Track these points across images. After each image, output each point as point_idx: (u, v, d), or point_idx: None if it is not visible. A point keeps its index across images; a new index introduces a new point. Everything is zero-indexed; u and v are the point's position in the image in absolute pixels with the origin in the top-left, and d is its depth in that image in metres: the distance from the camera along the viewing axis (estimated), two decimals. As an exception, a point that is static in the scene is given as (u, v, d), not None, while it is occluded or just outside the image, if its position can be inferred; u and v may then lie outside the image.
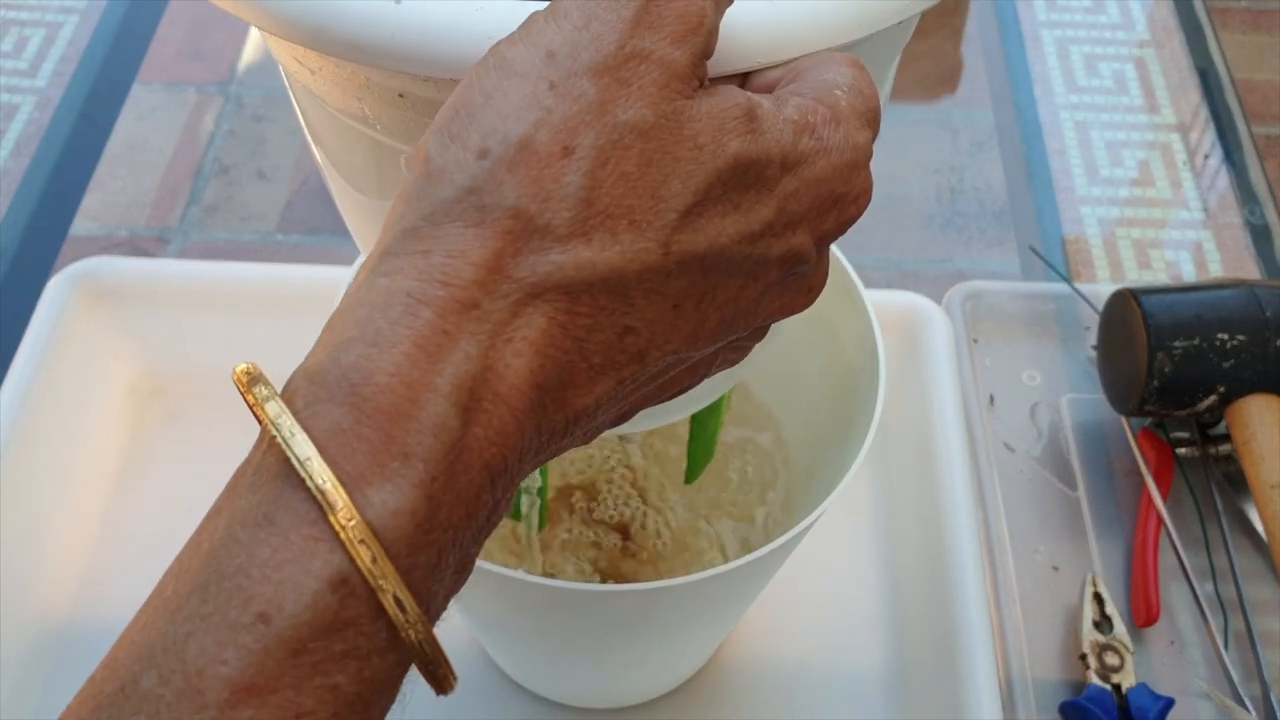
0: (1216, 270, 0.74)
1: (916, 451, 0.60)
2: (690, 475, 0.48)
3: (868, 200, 0.27)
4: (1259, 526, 0.59)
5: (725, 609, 0.48)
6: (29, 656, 0.56)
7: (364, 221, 0.37)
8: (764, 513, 0.54)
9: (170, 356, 0.65)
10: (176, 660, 0.21)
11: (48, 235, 0.74)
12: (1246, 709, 0.54)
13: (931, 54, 0.87)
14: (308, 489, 0.22)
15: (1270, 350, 0.58)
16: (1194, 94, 0.83)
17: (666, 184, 0.24)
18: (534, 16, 0.25)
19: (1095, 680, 0.54)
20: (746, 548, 0.53)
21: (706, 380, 0.30)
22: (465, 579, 0.25)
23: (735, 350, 0.29)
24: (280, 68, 0.34)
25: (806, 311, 0.56)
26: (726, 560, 0.53)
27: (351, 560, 0.21)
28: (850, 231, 0.28)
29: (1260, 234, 0.75)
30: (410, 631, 0.22)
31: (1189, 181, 0.78)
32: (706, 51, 0.25)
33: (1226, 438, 0.61)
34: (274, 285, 0.63)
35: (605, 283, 0.24)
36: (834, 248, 0.49)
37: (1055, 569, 0.60)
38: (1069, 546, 0.61)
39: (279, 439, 0.22)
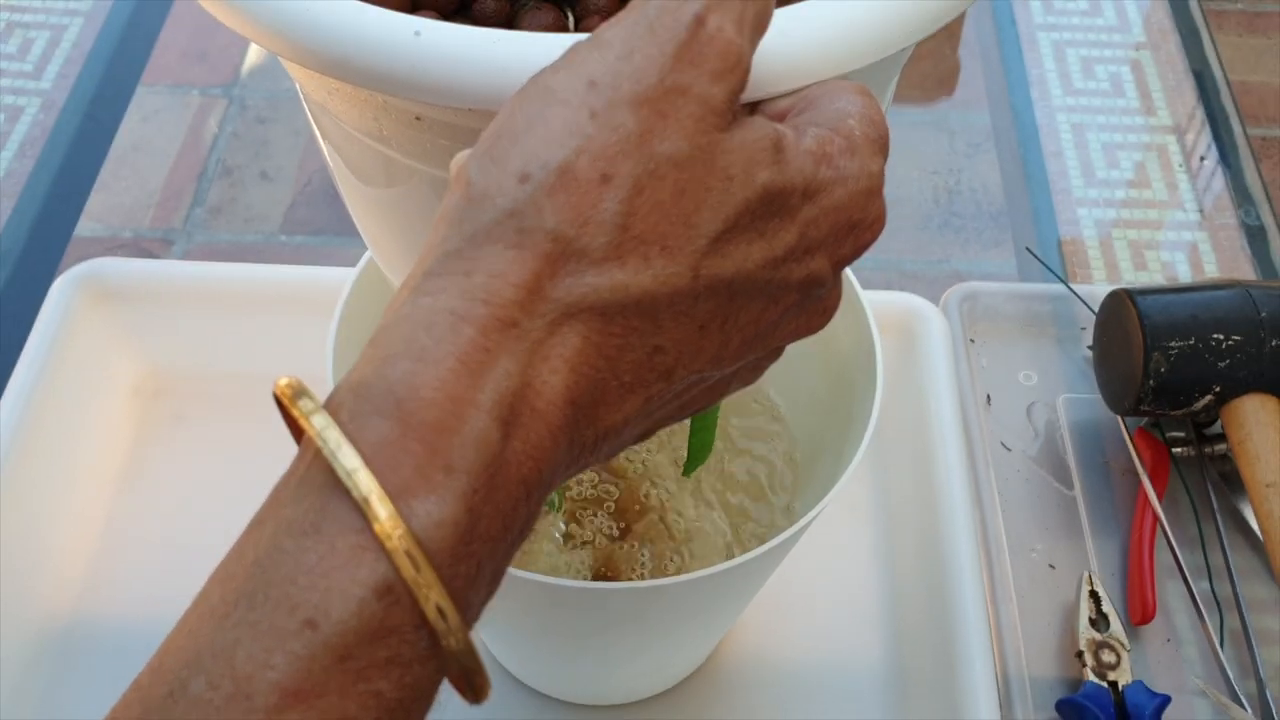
0: (1212, 271, 0.74)
1: (914, 451, 0.60)
2: (689, 467, 0.48)
3: (882, 226, 0.28)
4: (1254, 525, 0.60)
5: (723, 607, 0.49)
6: (31, 657, 0.56)
7: (369, 212, 0.37)
8: (771, 510, 0.55)
9: (174, 357, 0.65)
10: (225, 665, 0.22)
11: (52, 236, 0.75)
12: (1242, 706, 0.55)
13: (929, 56, 0.87)
14: (353, 499, 0.22)
15: (1265, 350, 0.58)
16: (1190, 96, 0.84)
17: (698, 212, 0.25)
18: (577, 46, 0.26)
19: (1092, 678, 0.54)
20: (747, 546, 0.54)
21: None
22: (497, 588, 0.25)
23: (752, 370, 0.30)
24: (294, 81, 0.35)
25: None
26: (731, 557, 0.53)
27: (396, 569, 0.22)
28: None
29: (1255, 235, 0.76)
30: (450, 640, 0.23)
31: (1185, 183, 0.79)
32: (741, 87, 0.26)
33: (1222, 437, 0.61)
34: (277, 286, 0.64)
35: (638, 305, 0.25)
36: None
37: (1052, 567, 0.60)
38: (1065, 545, 0.61)
39: (325, 451, 0.23)
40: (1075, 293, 0.69)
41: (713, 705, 0.56)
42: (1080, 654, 0.55)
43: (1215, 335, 0.58)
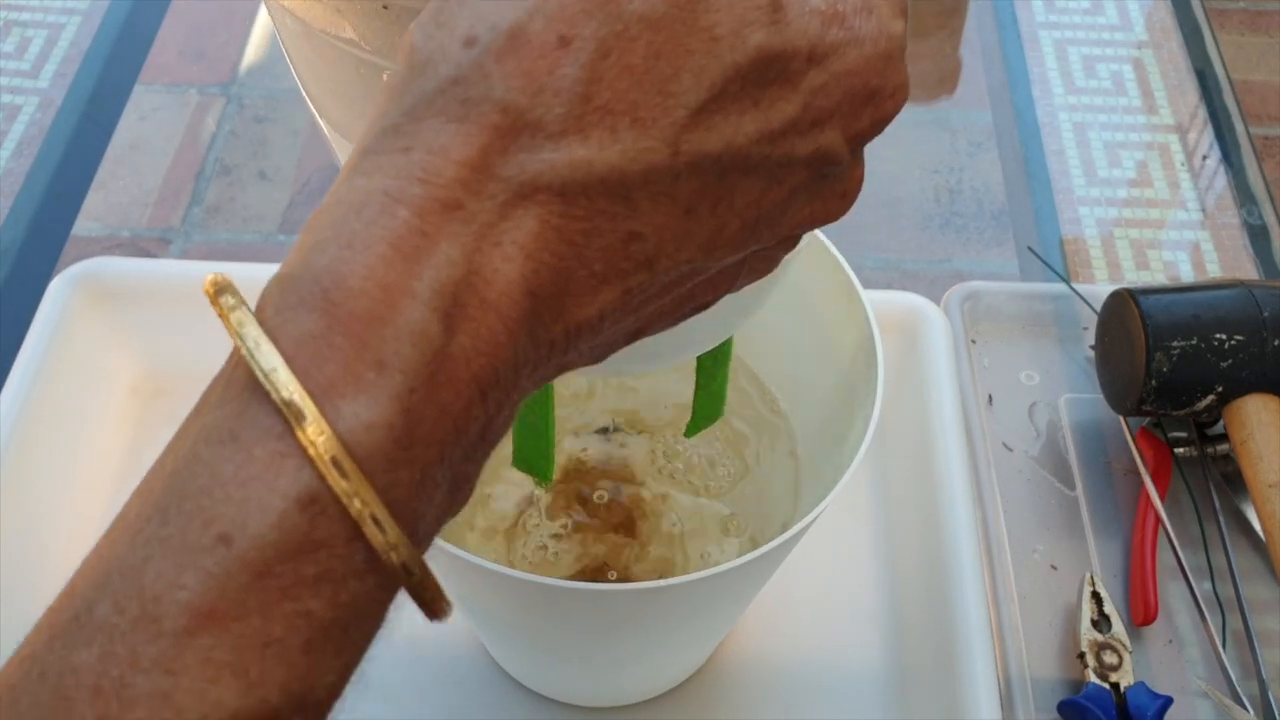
0: (1214, 270, 0.74)
1: (915, 451, 0.60)
2: (693, 427, 0.46)
3: (905, 95, 0.25)
4: (1257, 526, 0.60)
5: (724, 608, 0.49)
6: (31, 655, 0.56)
7: (345, 129, 0.36)
8: (771, 510, 0.54)
9: (172, 357, 0.65)
10: (133, 586, 0.20)
11: (50, 236, 0.74)
12: (1244, 708, 0.54)
13: (930, 55, 0.87)
14: (274, 402, 0.20)
15: (1268, 350, 0.58)
16: (1192, 95, 0.84)
17: (677, 79, 0.22)
18: None
19: (1094, 679, 0.54)
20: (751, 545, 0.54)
21: (714, 318, 0.28)
22: (463, 500, 0.23)
23: (763, 260, 0.27)
24: None
25: (805, 313, 0.56)
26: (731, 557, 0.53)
27: (321, 478, 0.20)
28: (849, 232, 0.28)
29: (1258, 234, 0.76)
30: (392, 554, 0.21)
31: (1187, 182, 0.79)
32: None
33: (1224, 437, 0.61)
34: (275, 286, 0.63)
35: (604, 184, 0.22)
36: (833, 248, 0.49)
37: (1053, 568, 0.60)
38: (1067, 545, 0.61)
39: (244, 349, 0.21)
40: (1077, 292, 0.68)
41: (713, 706, 0.55)
42: (1082, 655, 0.55)
43: (1218, 335, 0.58)
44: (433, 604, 0.22)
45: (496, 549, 0.52)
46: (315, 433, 0.20)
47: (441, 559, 0.41)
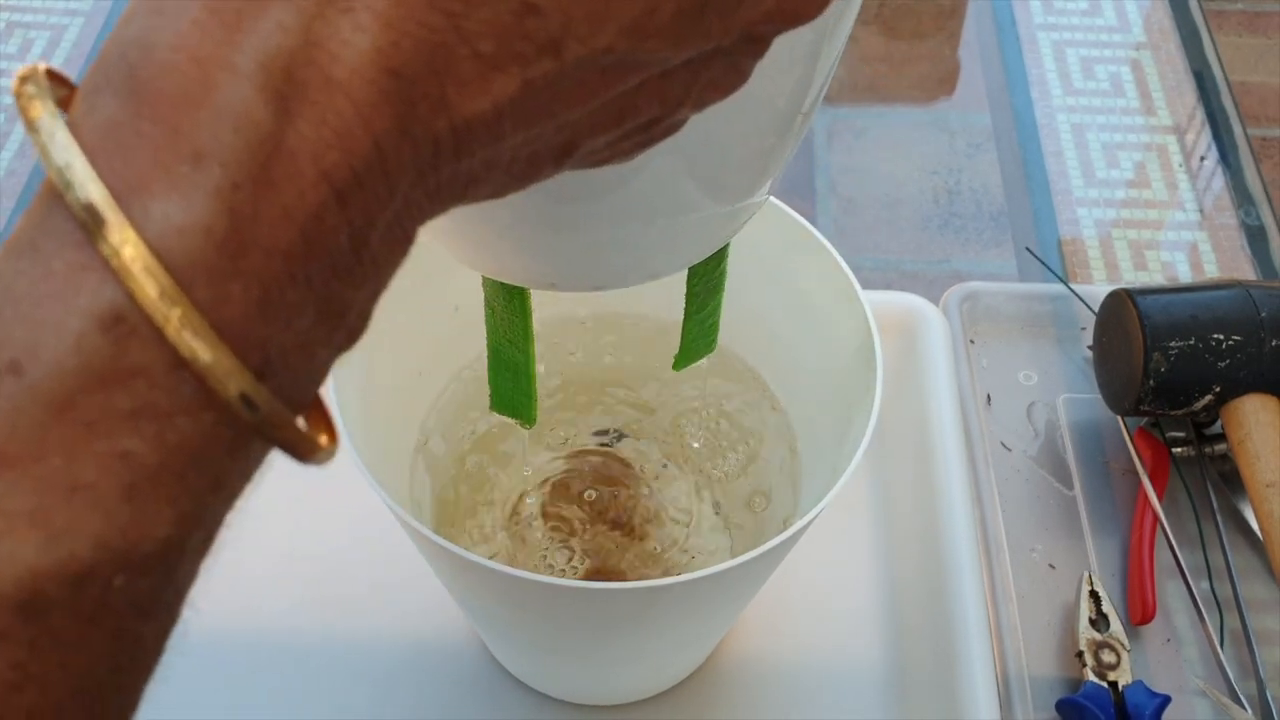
0: (1212, 271, 0.74)
1: (914, 451, 0.60)
2: (680, 360, 0.45)
3: None
4: (1254, 525, 0.60)
5: (724, 607, 0.49)
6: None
7: None
8: (770, 510, 0.55)
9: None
10: None
11: (51, 237, 0.75)
12: (1243, 706, 0.55)
13: (929, 57, 0.87)
14: (69, 204, 0.17)
15: (1265, 350, 0.58)
16: (1190, 96, 0.84)
17: None
18: None
19: (1092, 678, 0.54)
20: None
21: (699, 222, 0.25)
22: (349, 332, 0.20)
23: (725, 66, 0.23)
24: None
25: (804, 313, 0.56)
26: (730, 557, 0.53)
27: (130, 293, 0.17)
28: (848, 232, 0.28)
29: (1255, 235, 0.76)
30: (230, 385, 0.17)
31: (1185, 183, 0.79)
32: None
33: (1222, 437, 0.61)
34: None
35: None
36: (832, 248, 0.49)
37: (1052, 567, 0.60)
38: (1065, 545, 0.61)
39: (39, 143, 0.17)
40: (1075, 293, 0.69)
41: (713, 705, 0.56)
42: (1080, 654, 0.55)
43: (1215, 335, 0.58)
44: (296, 445, 0.19)
45: (496, 548, 0.52)
46: (118, 239, 0.17)
47: (442, 558, 0.41)
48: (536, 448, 0.55)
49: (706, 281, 0.42)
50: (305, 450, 0.19)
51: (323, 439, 0.20)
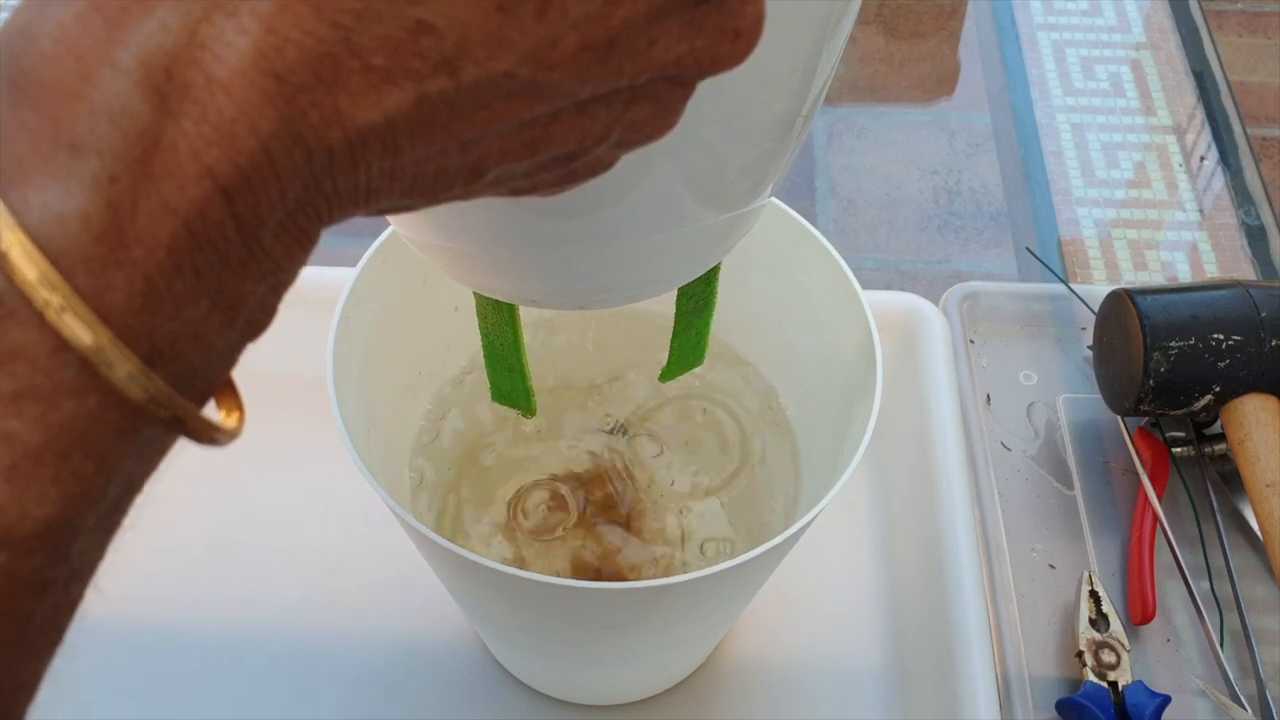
0: (1212, 271, 0.74)
1: (914, 451, 0.60)
2: (667, 373, 0.45)
3: None
4: (1254, 525, 0.60)
5: (723, 607, 0.49)
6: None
7: None
8: (769, 509, 0.55)
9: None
10: None
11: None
12: (1242, 706, 0.55)
13: (929, 57, 0.87)
14: None
15: (1265, 350, 0.58)
16: (1190, 96, 0.84)
17: None
18: None
19: (1092, 678, 0.55)
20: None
21: (693, 242, 0.25)
22: (247, 324, 0.20)
23: (648, 107, 0.22)
24: None
25: (804, 313, 0.56)
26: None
27: (8, 275, 0.17)
28: (848, 232, 0.27)
29: (1255, 235, 0.76)
30: (117, 370, 0.18)
31: (1185, 183, 0.79)
32: None
33: (1222, 437, 0.61)
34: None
35: None
36: (832, 248, 0.49)
37: (1052, 567, 0.60)
38: (1065, 545, 0.61)
39: None
40: (1075, 293, 0.69)
41: (713, 705, 0.56)
42: (1080, 654, 0.55)
43: (1215, 335, 0.58)
44: (189, 428, 0.20)
45: (497, 547, 0.52)
46: None
47: (442, 558, 0.41)
48: (537, 446, 0.55)
49: (695, 300, 0.42)
50: (201, 434, 0.20)
51: (230, 421, 0.20)
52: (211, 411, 0.21)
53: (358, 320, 0.47)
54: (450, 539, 0.39)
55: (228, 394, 0.21)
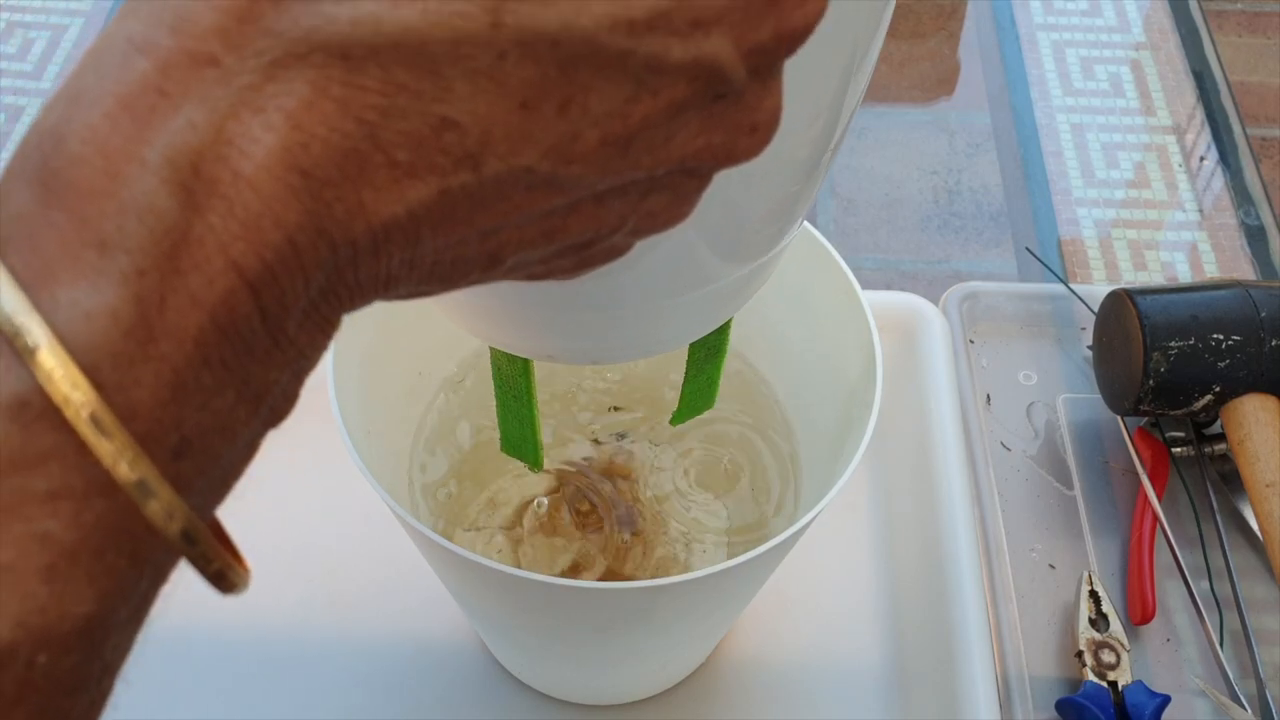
0: (1212, 271, 0.74)
1: (914, 451, 0.60)
2: (677, 417, 0.45)
3: (820, 6, 0.21)
4: (1254, 525, 0.60)
5: (723, 607, 0.49)
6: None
7: None
8: (769, 509, 0.55)
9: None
10: None
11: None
12: (1242, 706, 0.55)
13: (929, 57, 0.87)
14: None
15: (1265, 350, 0.58)
16: (1190, 96, 0.84)
17: None
18: None
19: (1092, 678, 0.55)
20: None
21: (705, 307, 0.26)
22: (272, 411, 0.20)
23: (664, 197, 0.22)
24: None
25: (804, 313, 0.56)
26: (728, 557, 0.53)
27: (34, 377, 0.17)
28: (848, 232, 0.26)
29: (1255, 235, 0.76)
30: (124, 467, 0.18)
31: (1184, 183, 0.79)
32: None
33: (1222, 437, 0.61)
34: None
35: (398, 50, 0.18)
36: (832, 249, 0.49)
37: (1052, 567, 0.60)
38: (1065, 545, 0.61)
39: None
40: (1075, 293, 0.69)
41: (712, 705, 0.56)
42: (1080, 654, 0.55)
43: (1215, 335, 0.58)
44: (206, 563, 0.20)
45: (497, 547, 0.52)
46: (23, 323, 0.17)
47: (442, 558, 0.41)
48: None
49: (707, 348, 0.42)
50: (219, 572, 0.20)
51: (232, 569, 0.20)
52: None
53: (358, 320, 0.47)
54: (450, 539, 0.39)
55: (225, 544, 0.21)
